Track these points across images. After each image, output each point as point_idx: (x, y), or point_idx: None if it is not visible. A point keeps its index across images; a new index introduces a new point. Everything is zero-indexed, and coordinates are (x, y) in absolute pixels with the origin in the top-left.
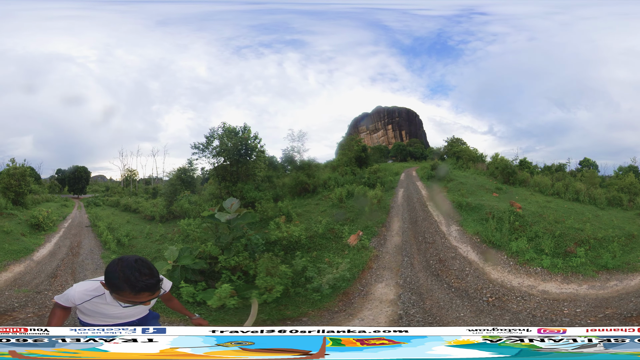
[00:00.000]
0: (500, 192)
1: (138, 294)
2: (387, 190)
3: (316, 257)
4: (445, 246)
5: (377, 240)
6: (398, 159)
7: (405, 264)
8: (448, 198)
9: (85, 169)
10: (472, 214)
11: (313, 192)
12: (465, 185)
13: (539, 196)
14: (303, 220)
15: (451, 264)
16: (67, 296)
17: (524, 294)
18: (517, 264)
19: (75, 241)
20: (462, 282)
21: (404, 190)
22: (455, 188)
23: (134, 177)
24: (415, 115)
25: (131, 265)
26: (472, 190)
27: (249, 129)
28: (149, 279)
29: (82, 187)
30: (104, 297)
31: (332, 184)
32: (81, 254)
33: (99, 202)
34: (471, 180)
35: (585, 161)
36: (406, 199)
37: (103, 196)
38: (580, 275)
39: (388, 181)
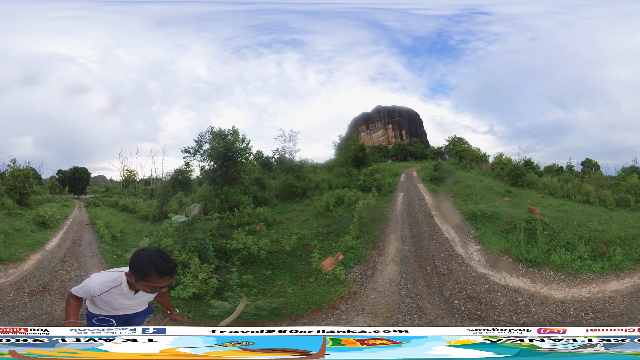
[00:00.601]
0: (511, 196)
1: (162, 278)
2: (385, 194)
3: (269, 276)
4: (470, 276)
5: (363, 270)
6: (398, 158)
7: (405, 309)
8: (456, 205)
9: (85, 170)
10: (489, 225)
11: (303, 196)
12: (472, 188)
13: (550, 199)
14: (280, 230)
15: (491, 300)
16: (86, 288)
17: (607, 300)
18: (569, 276)
19: (77, 236)
20: (524, 317)
21: (404, 195)
22: (463, 192)
23: (134, 177)
24: (415, 114)
25: (155, 253)
26: (482, 194)
27: (236, 132)
28: (170, 264)
29: (82, 187)
30: (120, 288)
31: (324, 187)
32: (82, 245)
33: (99, 203)
34: (477, 183)
35: (588, 162)
36: (407, 207)
37: (103, 197)
38: (626, 270)
39: (386, 184)
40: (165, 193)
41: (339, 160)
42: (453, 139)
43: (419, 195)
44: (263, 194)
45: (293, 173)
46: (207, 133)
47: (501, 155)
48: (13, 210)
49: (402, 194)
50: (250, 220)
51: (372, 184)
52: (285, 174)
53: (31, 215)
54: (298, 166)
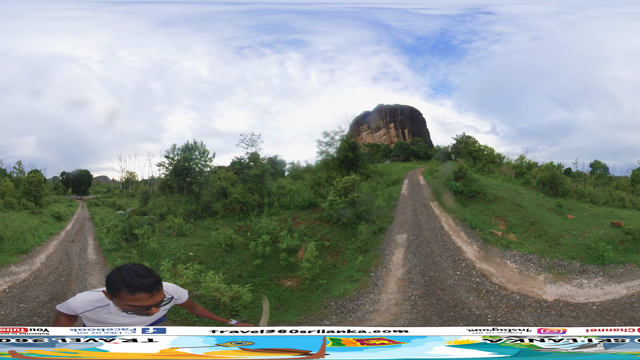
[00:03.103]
0: (565, 211)
1: (134, 294)
2: (368, 242)
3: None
4: None
5: None
6: (400, 158)
7: None
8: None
9: (87, 172)
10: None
11: (247, 213)
12: (525, 209)
13: (598, 207)
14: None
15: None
16: (68, 305)
17: None
18: None
19: (81, 224)
20: None
21: (409, 249)
22: (519, 221)
23: (134, 179)
24: (418, 113)
25: (129, 268)
26: (537, 214)
27: (196, 145)
28: (145, 279)
29: (85, 189)
30: (108, 308)
31: (284, 202)
32: (85, 228)
33: (99, 203)
34: (513, 194)
35: (596, 163)
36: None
37: (103, 197)
38: None
39: (374, 209)
40: (145, 197)
41: (320, 164)
42: (462, 137)
43: (446, 246)
44: (216, 204)
45: (245, 185)
46: (172, 149)
47: (522, 157)
48: (36, 209)
49: (405, 241)
50: (170, 226)
51: (351, 206)
52: (242, 184)
53: (48, 213)
54: (254, 176)
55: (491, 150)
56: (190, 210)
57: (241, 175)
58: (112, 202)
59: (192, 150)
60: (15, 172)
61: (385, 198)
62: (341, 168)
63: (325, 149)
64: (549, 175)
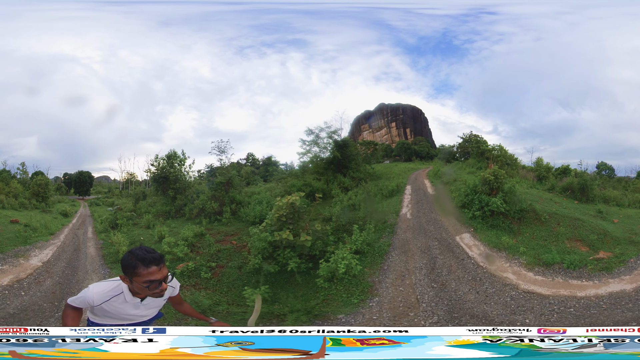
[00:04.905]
0: (603, 215)
1: (149, 267)
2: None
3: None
4: None
5: None
6: (402, 158)
7: None
8: None
9: (89, 173)
10: None
11: (233, 215)
12: (584, 223)
13: (626, 209)
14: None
15: None
16: (84, 298)
17: None
18: None
19: (83, 220)
20: None
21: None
22: (588, 233)
23: (134, 179)
24: (420, 112)
25: (138, 249)
26: (598, 224)
27: (175, 155)
28: (153, 254)
29: (86, 189)
30: (122, 296)
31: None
32: (86, 222)
33: (99, 203)
34: (550, 204)
35: (602, 164)
36: None
37: (104, 197)
38: None
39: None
40: (138, 198)
41: (305, 166)
42: (469, 136)
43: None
44: (186, 208)
45: (209, 192)
46: (157, 158)
47: (540, 160)
48: (46, 208)
49: None
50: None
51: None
52: (213, 191)
53: (56, 211)
54: (218, 184)
55: (504, 151)
56: (164, 210)
57: (208, 183)
58: (111, 202)
59: (172, 159)
60: (20, 173)
61: (372, 229)
62: (328, 171)
63: (309, 149)
64: (579, 181)
